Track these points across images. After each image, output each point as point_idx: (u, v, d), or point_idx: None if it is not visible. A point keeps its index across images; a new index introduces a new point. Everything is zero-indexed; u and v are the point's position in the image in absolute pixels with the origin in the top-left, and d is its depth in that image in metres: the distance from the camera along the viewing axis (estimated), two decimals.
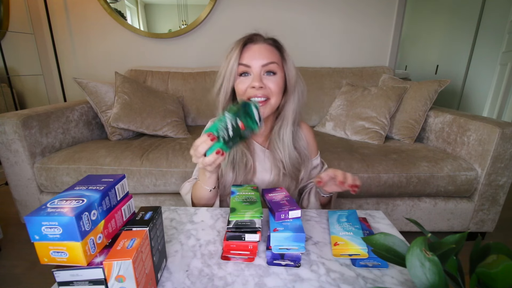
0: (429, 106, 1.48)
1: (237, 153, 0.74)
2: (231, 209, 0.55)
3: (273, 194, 0.63)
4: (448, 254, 0.34)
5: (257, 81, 0.65)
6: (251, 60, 0.66)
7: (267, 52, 0.67)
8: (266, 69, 0.66)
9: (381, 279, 0.48)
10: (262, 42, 0.68)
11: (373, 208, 1.29)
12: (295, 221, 0.55)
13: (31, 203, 1.36)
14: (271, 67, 0.67)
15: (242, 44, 0.67)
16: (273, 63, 0.67)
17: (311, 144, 0.82)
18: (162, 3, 2.04)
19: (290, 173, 0.75)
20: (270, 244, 0.53)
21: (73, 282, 0.38)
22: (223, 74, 0.69)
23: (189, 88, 1.85)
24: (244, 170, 0.74)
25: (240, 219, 0.53)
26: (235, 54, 0.66)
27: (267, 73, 0.67)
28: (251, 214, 0.54)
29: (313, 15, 2.03)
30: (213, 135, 0.52)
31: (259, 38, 0.69)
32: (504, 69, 2.36)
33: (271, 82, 0.67)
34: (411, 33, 3.65)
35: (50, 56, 2.11)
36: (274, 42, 0.70)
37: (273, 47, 0.69)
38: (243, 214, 0.53)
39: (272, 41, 0.70)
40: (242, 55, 0.67)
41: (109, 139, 1.56)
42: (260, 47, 0.67)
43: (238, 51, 0.66)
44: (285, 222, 0.55)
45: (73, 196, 0.39)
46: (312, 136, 0.83)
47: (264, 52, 0.66)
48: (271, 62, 0.66)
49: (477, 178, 1.23)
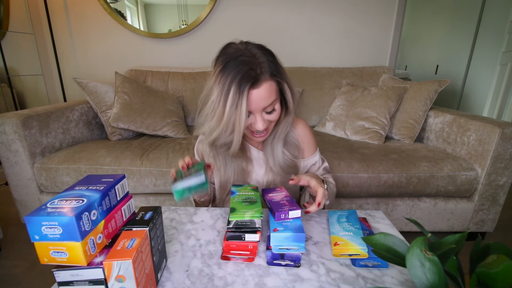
0: (429, 106, 1.48)
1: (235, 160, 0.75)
2: (231, 209, 0.55)
3: (273, 194, 0.63)
4: (448, 254, 0.34)
5: (261, 125, 0.64)
6: (254, 106, 0.62)
7: (266, 93, 0.61)
8: (266, 110, 0.65)
9: (381, 279, 0.48)
10: (262, 81, 0.60)
11: (373, 208, 1.29)
12: (295, 221, 0.55)
13: (31, 203, 1.36)
14: (270, 108, 0.64)
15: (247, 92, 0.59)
16: (272, 103, 0.63)
17: (307, 142, 0.81)
18: (162, 3, 2.04)
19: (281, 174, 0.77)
20: (270, 244, 0.53)
21: (73, 282, 0.38)
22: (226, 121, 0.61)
23: (189, 88, 1.85)
24: (243, 174, 0.77)
25: (240, 219, 0.53)
26: (244, 107, 0.59)
27: (267, 113, 0.65)
28: (251, 214, 0.53)
29: (313, 15, 2.03)
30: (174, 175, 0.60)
31: (257, 76, 0.60)
32: (504, 69, 2.36)
33: (271, 116, 0.66)
34: (411, 33, 3.65)
35: (50, 56, 2.11)
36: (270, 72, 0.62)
37: (272, 80, 0.62)
38: (243, 214, 0.53)
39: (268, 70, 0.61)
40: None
41: (109, 139, 1.56)
42: (259, 92, 0.61)
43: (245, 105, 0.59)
44: (285, 222, 0.55)
45: (73, 196, 0.39)
46: (308, 133, 0.82)
47: (265, 95, 0.61)
48: (270, 104, 0.63)
49: (477, 178, 1.23)
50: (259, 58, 0.61)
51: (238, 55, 0.60)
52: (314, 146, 0.83)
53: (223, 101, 0.60)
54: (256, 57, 0.61)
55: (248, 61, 0.60)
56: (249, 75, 0.59)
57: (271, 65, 0.62)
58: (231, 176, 0.76)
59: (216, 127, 0.64)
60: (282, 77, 0.65)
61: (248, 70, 0.59)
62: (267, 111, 0.64)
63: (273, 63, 0.63)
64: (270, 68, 0.61)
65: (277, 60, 0.65)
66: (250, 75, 0.59)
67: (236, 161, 0.76)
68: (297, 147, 0.79)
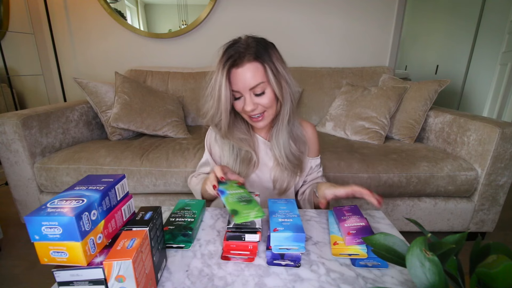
0: (429, 106, 1.48)
1: (241, 149, 0.77)
2: (232, 211, 0.52)
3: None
4: (448, 254, 0.34)
5: (249, 106, 0.67)
6: (239, 85, 0.66)
7: (250, 74, 0.65)
8: (253, 91, 0.67)
9: (381, 279, 0.48)
10: (245, 61, 0.65)
11: (373, 208, 1.29)
12: (295, 220, 0.55)
13: (31, 203, 1.36)
14: (258, 90, 0.66)
15: (227, 71, 0.65)
16: (258, 84, 0.66)
17: (313, 143, 0.85)
18: (162, 3, 2.04)
19: (289, 167, 0.78)
20: (270, 244, 0.53)
21: (73, 282, 0.38)
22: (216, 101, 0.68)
23: (189, 88, 1.85)
24: (248, 165, 0.78)
25: (245, 220, 0.51)
26: (223, 83, 0.65)
27: (255, 95, 0.68)
28: (254, 214, 0.52)
29: (313, 15, 2.03)
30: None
31: (241, 57, 0.65)
32: (504, 69, 2.36)
33: (262, 100, 0.68)
34: (411, 33, 3.65)
35: (50, 56, 2.11)
36: (255, 55, 0.65)
37: (256, 62, 0.65)
38: (247, 215, 0.51)
39: (253, 55, 0.65)
40: (230, 82, 0.67)
41: (109, 139, 1.56)
42: (243, 71, 0.65)
43: (226, 82, 0.65)
44: (286, 222, 0.55)
45: (73, 196, 0.39)
46: (316, 137, 0.86)
47: (249, 75, 0.65)
48: (256, 85, 0.66)
49: (477, 178, 1.23)
50: (250, 44, 0.66)
51: (233, 43, 0.67)
52: (318, 150, 0.87)
53: (213, 82, 0.68)
54: (248, 43, 0.67)
55: (239, 46, 0.66)
56: (232, 56, 0.65)
57: (259, 49, 0.66)
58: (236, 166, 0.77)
59: (210, 107, 0.71)
60: (269, 62, 0.66)
61: (234, 53, 0.65)
62: (256, 93, 0.67)
63: (263, 49, 0.67)
64: (257, 52, 0.66)
65: (271, 49, 0.68)
66: (233, 56, 0.65)
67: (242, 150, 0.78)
68: (304, 143, 0.81)
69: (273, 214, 0.58)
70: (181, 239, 0.56)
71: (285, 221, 0.55)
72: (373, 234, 0.47)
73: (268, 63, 0.66)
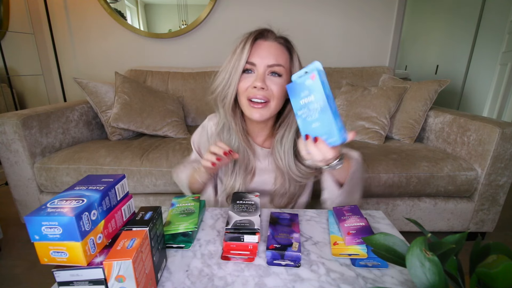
0: (429, 106, 1.48)
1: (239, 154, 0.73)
2: (165, 223, 0.55)
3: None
4: (448, 254, 0.34)
5: (260, 81, 0.62)
6: (257, 58, 0.63)
7: (276, 51, 0.63)
8: (271, 70, 0.63)
9: (381, 279, 0.48)
10: (273, 39, 0.65)
11: (373, 208, 1.29)
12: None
13: (31, 203, 1.36)
14: (277, 69, 0.63)
15: (252, 39, 0.63)
16: (280, 65, 0.63)
17: None
18: (162, 3, 2.04)
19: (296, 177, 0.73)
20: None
21: (73, 282, 0.38)
22: (229, 69, 0.64)
23: (189, 88, 1.85)
24: (245, 171, 0.75)
25: (174, 232, 0.54)
26: (245, 50, 0.62)
27: (271, 74, 0.64)
28: (185, 226, 0.54)
29: (313, 15, 2.03)
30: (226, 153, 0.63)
31: (270, 35, 0.65)
32: (504, 69, 2.36)
33: (274, 84, 0.64)
34: (411, 33, 3.65)
35: (50, 56, 2.11)
36: (286, 42, 0.66)
37: (284, 47, 0.66)
38: (177, 227, 0.54)
39: (284, 40, 0.66)
40: (251, 52, 0.63)
41: (109, 139, 1.56)
42: (270, 46, 0.63)
43: (249, 47, 0.62)
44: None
45: (73, 196, 0.39)
46: None
47: (273, 52, 0.63)
48: (277, 64, 0.63)
49: (477, 178, 1.23)
50: (281, 35, 0.67)
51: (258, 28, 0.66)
52: None
53: (232, 52, 0.65)
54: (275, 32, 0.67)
55: (266, 28, 0.66)
56: (262, 31, 0.65)
57: (289, 41, 0.68)
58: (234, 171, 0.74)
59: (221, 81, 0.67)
60: (294, 55, 0.68)
61: (264, 30, 0.66)
62: (272, 71, 0.64)
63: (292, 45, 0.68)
64: (287, 42, 0.67)
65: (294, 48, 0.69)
66: (264, 31, 0.65)
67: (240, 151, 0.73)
68: None
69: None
70: (181, 239, 0.56)
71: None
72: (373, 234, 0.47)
73: (294, 55, 0.67)
